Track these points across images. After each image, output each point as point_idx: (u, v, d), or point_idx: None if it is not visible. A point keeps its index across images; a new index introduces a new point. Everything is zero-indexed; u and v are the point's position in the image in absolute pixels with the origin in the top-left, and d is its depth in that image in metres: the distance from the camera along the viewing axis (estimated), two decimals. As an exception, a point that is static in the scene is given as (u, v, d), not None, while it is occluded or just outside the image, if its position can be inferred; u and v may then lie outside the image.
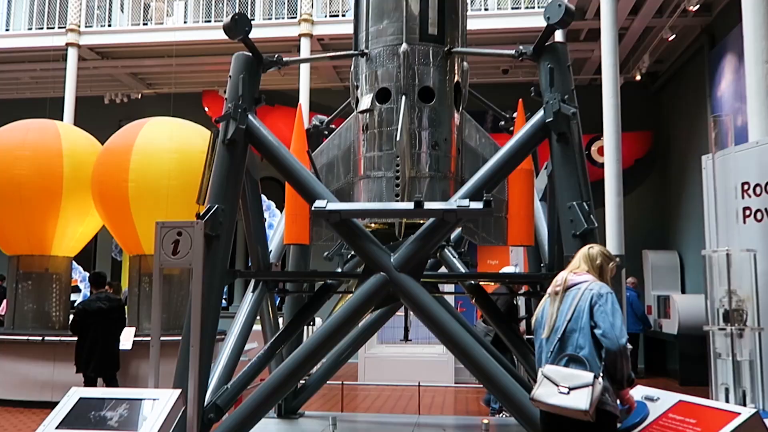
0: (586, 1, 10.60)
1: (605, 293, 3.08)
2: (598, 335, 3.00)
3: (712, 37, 11.06)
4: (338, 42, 11.91)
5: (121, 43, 12.80)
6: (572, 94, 4.09)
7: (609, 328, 2.98)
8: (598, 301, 3.05)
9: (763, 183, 3.30)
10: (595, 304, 3.05)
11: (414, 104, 4.39)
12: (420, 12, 4.54)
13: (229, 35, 4.26)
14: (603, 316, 3.01)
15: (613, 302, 3.06)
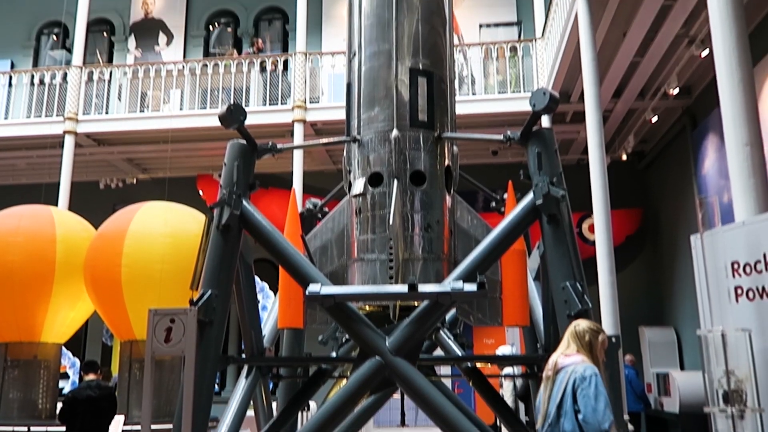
0: (571, 85, 10.99)
1: (589, 375, 3.05)
2: (580, 420, 2.95)
3: (694, 118, 11.42)
4: (331, 126, 12.21)
5: (118, 131, 13.06)
6: (560, 177, 4.18)
7: (590, 413, 2.93)
8: (581, 385, 3.02)
9: (753, 262, 3.35)
10: (578, 387, 3.02)
11: (406, 188, 4.48)
12: (410, 99, 4.70)
13: (224, 125, 4.38)
14: (585, 401, 2.97)
15: (596, 384, 3.02)
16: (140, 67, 13.45)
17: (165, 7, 16.07)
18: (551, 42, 11.15)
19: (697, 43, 9.10)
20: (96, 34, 15.92)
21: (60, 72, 13.47)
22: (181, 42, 15.85)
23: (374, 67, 4.87)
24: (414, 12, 5.02)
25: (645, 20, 8.63)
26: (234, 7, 16.06)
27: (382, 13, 4.98)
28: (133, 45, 15.97)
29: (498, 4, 14.83)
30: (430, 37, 5.00)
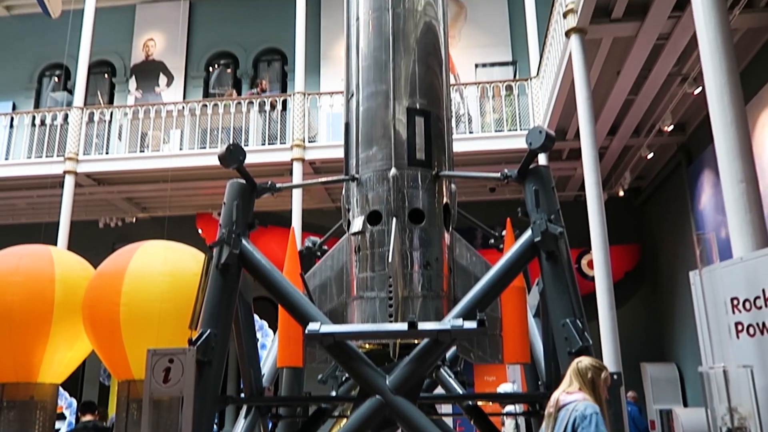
0: (566, 123, 11.12)
1: (589, 414, 3.03)
2: None
3: (689, 154, 11.53)
4: (329, 165, 12.31)
5: (118, 170, 13.15)
6: (558, 214, 4.22)
7: None
8: (581, 423, 3.00)
9: (752, 298, 3.35)
10: (578, 426, 3.00)
11: (404, 226, 4.50)
12: (407, 138, 4.76)
13: (224, 164, 4.43)
14: None
15: (597, 423, 3.00)
16: (140, 108, 13.61)
17: (166, 49, 16.33)
18: (546, 81, 11.32)
19: (689, 81, 9.24)
20: (97, 76, 16.15)
21: (61, 113, 13.62)
22: (181, 83, 16.08)
23: (372, 107, 4.94)
24: (410, 53, 5.12)
25: (638, 59, 8.79)
26: (233, 48, 16.34)
27: (379, 55, 5.08)
28: (133, 86, 16.19)
29: (493, 44, 15.10)
30: (426, 78, 5.09)
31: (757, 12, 8.07)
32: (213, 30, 16.36)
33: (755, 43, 8.76)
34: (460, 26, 15.39)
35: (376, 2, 5.28)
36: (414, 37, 5.19)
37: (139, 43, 16.49)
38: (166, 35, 16.40)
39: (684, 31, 8.09)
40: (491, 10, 15.35)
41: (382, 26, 5.17)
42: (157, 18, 16.55)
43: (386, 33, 5.10)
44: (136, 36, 16.56)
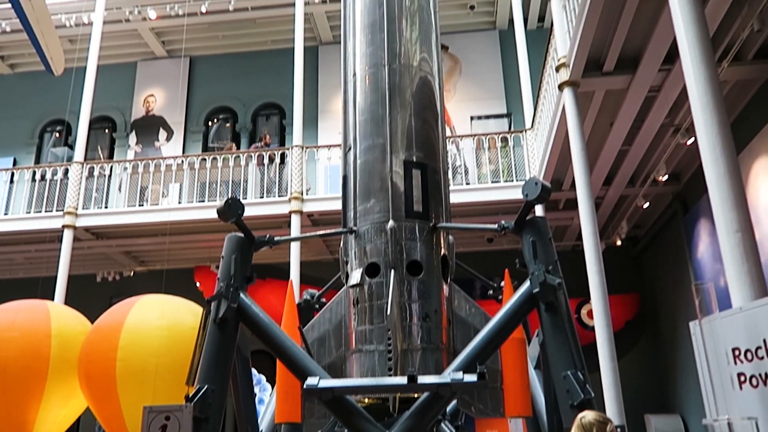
0: (562, 173, 11.23)
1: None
2: None
3: (684, 203, 11.61)
4: (327, 217, 12.36)
5: (117, 224, 13.17)
6: (556, 265, 4.22)
7: None
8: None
9: (753, 348, 3.33)
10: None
11: (403, 278, 4.50)
12: (405, 191, 4.80)
13: (222, 219, 4.45)
14: None
15: None
16: (140, 162, 13.74)
17: (166, 104, 16.60)
18: (541, 132, 11.49)
19: (682, 131, 9.38)
20: (98, 131, 16.37)
21: (61, 168, 13.73)
22: (181, 137, 16.28)
23: (369, 160, 5.00)
24: (406, 107, 5.22)
25: (630, 111, 8.94)
26: (232, 103, 16.61)
27: (376, 109, 5.17)
28: (133, 141, 16.39)
29: (488, 97, 15.38)
30: (422, 131, 5.17)
31: (745, 65, 8.26)
32: (212, 85, 16.67)
33: (745, 94, 8.93)
34: (456, 80, 15.71)
35: (372, 59, 5.41)
36: (410, 92, 5.29)
37: (139, 98, 16.78)
38: (166, 91, 16.69)
39: (674, 83, 8.26)
40: (485, 64, 15.70)
41: (378, 82, 5.27)
42: (158, 74, 16.89)
43: (383, 88, 5.21)
44: (137, 92, 16.85)
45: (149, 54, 17.00)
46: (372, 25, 5.55)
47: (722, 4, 6.99)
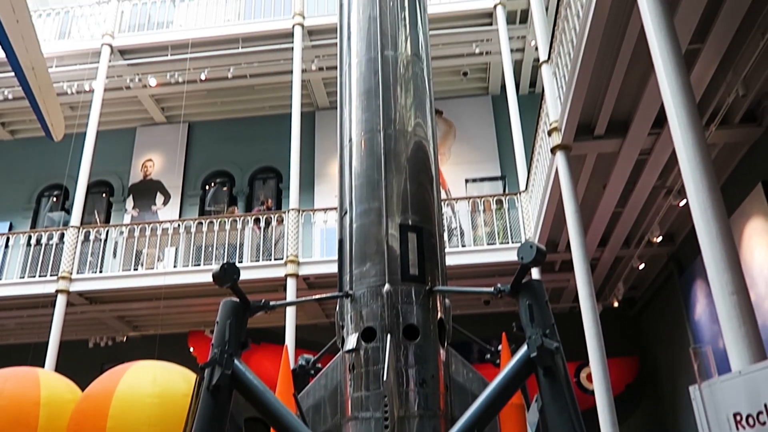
0: (557, 235, 11.28)
1: None
2: None
3: (680, 264, 11.63)
4: (323, 280, 12.32)
5: (111, 288, 13.08)
6: (553, 328, 4.18)
7: None
8: None
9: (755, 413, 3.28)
10: None
11: (399, 342, 4.45)
12: (401, 254, 4.80)
13: (218, 284, 4.42)
14: None
15: None
16: (136, 227, 13.76)
17: (164, 168, 16.77)
18: (535, 195, 11.60)
19: (674, 193, 9.50)
20: (95, 195, 16.46)
21: (57, 233, 13.74)
22: (178, 201, 16.37)
23: (365, 224, 5.02)
24: (402, 171, 5.27)
25: (622, 174, 9.07)
26: (230, 167, 16.79)
27: (372, 173, 5.23)
28: (130, 205, 16.46)
29: (482, 160, 15.60)
30: (418, 194, 5.21)
31: (733, 128, 8.44)
32: (210, 150, 16.89)
33: (734, 156, 9.09)
34: (450, 144, 15.97)
35: (368, 124, 5.50)
36: (405, 156, 5.36)
37: (138, 163, 16.95)
38: (164, 155, 16.89)
39: (664, 146, 8.41)
40: (479, 128, 16.00)
41: (374, 147, 5.35)
42: (157, 139, 17.13)
43: (378, 153, 5.27)
44: (135, 157, 17.05)
45: (148, 120, 17.29)
46: (368, 92, 5.67)
47: (707, 70, 7.21)
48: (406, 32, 6.05)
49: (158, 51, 15.28)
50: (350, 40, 6.03)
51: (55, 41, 15.43)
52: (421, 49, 6.13)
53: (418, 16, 6.24)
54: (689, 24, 6.28)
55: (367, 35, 5.91)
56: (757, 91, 7.77)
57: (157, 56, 15.28)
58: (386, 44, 5.83)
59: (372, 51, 5.83)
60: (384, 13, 5.95)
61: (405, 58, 5.86)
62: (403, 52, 5.87)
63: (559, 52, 8.33)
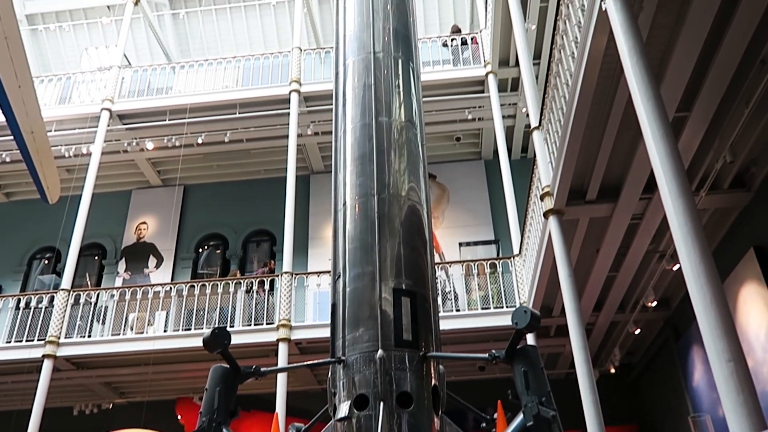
0: (551, 299, 11.22)
1: None
2: None
3: (676, 329, 11.55)
4: (315, 345, 12.15)
5: (99, 353, 12.84)
6: (549, 396, 4.10)
7: None
8: None
9: (757, 484, 3.21)
10: None
11: (392, 410, 4.34)
12: (394, 319, 4.75)
13: (208, 349, 4.34)
14: None
15: None
16: (128, 290, 13.63)
17: (157, 231, 16.76)
18: (529, 259, 11.60)
19: (667, 257, 9.52)
20: (87, 258, 16.37)
21: (47, 296, 13.58)
22: (171, 264, 16.29)
23: (359, 288, 4.98)
24: (396, 236, 5.28)
25: (615, 238, 9.11)
26: (224, 230, 16.80)
27: (366, 237, 5.23)
28: (122, 268, 16.35)
29: (476, 224, 15.67)
30: (411, 258, 5.19)
31: (722, 193, 8.54)
32: (205, 213, 16.94)
33: (725, 221, 9.16)
34: (444, 207, 16.07)
35: (362, 188, 5.55)
36: (399, 221, 5.38)
37: (132, 226, 16.95)
38: (159, 218, 16.91)
39: (656, 211, 8.49)
40: (472, 192, 16.15)
41: (368, 211, 5.37)
42: (152, 202, 17.19)
43: (372, 217, 5.29)
44: (129, 219, 17.06)
45: (144, 183, 17.39)
46: (362, 156, 5.74)
47: (695, 137, 7.36)
48: (400, 99, 6.19)
49: (157, 116, 15.53)
50: (345, 107, 6.15)
51: (56, 106, 15.67)
52: (414, 116, 6.25)
53: (411, 84, 6.39)
54: (675, 92, 6.44)
55: (362, 102, 6.03)
56: (744, 157, 7.91)
57: (156, 121, 15.52)
58: (380, 111, 5.95)
59: (366, 117, 5.94)
60: (378, 80, 6.09)
61: (399, 124, 5.97)
62: (397, 118, 5.99)
63: (549, 119, 8.51)
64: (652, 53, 5.89)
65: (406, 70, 6.32)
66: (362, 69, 6.18)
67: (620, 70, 5.19)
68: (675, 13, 5.80)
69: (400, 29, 6.55)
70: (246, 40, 19.77)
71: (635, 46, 4.78)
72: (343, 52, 6.51)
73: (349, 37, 6.54)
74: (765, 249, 8.32)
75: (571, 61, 6.83)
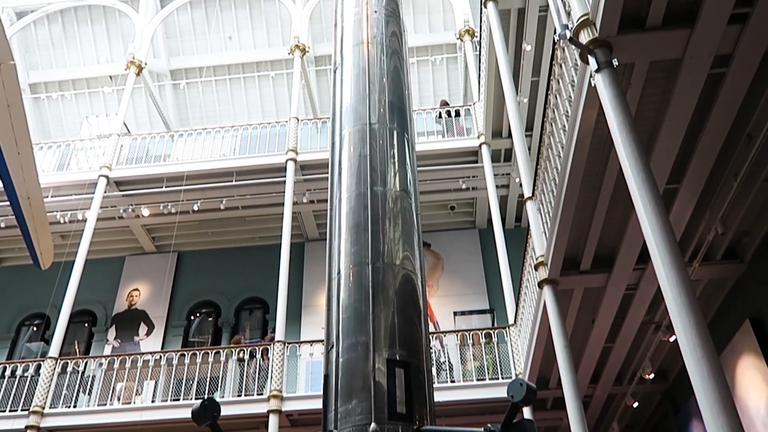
0: (548, 371, 11.06)
1: None
2: None
3: (674, 402, 11.34)
4: (307, 417, 11.86)
5: (84, 425, 12.45)
6: (547, 472, 4.00)
7: None
8: None
9: None
10: None
11: (387, 486, 4.21)
12: (388, 391, 4.67)
13: (196, 421, 4.23)
14: None
15: None
16: (116, 358, 13.37)
17: (149, 298, 16.59)
18: (524, 329, 11.50)
19: (663, 329, 9.45)
20: (77, 325, 16.11)
21: (33, 364, 13.29)
22: (162, 331, 16.05)
23: (352, 358, 4.91)
24: (390, 305, 5.25)
25: (610, 308, 9.07)
26: (216, 298, 16.65)
27: (360, 307, 5.19)
28: (112, 335, 16.09)
29: (470, 293, 15.59)
30: (406, 328, 5.15)
31: (716, 264, 8.58)
32: (198, 280, 16.82)
33: (720, 292, 9.16)
34: (438, 276, 16.03)
35: (356, 257, 5.55)
36: (393, 290, 5.36)
37: (124, 292, 16.79)
38: (151, 284, 16.77)
39: (650, 281, 8.48)
40: (467, 261, 16.14)
41: (362, 279, 5.36)
42: (145, 268, 17.09)
43: (366, 286, 5.28)
44: (121, 286, 16.90)
45: (138, 249, 17.35)
46: (357, 225, 5.78)
47: (686, 209, 7.45)
48: (395, 169, 6.28)
49: (153, 182, 15.65)
50: (341, 176, 6.23)
51: (54, 172, 15.79)
52: (409, 185, 6.33)
53: (406, 154, 6.50)
54: (665, 165, 6.57)
55: (357, 171, 6.12)
56: (736, 228, 7.99)
57: (152, 187, 15.63)
58: (376, 180, 6.03)
59: (362, 186, 6.01)
60: (374, 150, 6.20)
61: (394, 193, 6.04)
62: (392, 188, 6.06)
63: (542, 189, 8.62)
64: (641, 127, 6.05)
65: (401, 140, 6.45)
66: (358, 139, 6.31)
67: (611, 143, 5.31)
68: (662, 88, 5.99)
69: (396, 101, 6.73)
70: (244, 110, 20.17)
71: (624, 121, 4.90)
72: (339, 122, 6.66)
73: (346, 108, 6.71)
74: (761, 321, 8.29)
75: (563, 134, 6.98)
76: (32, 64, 20.05)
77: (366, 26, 7.45)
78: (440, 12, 19.19)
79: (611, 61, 5.20)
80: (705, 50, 5.39)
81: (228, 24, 19.63)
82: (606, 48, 5.28)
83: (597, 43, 5.29)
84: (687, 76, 5.59)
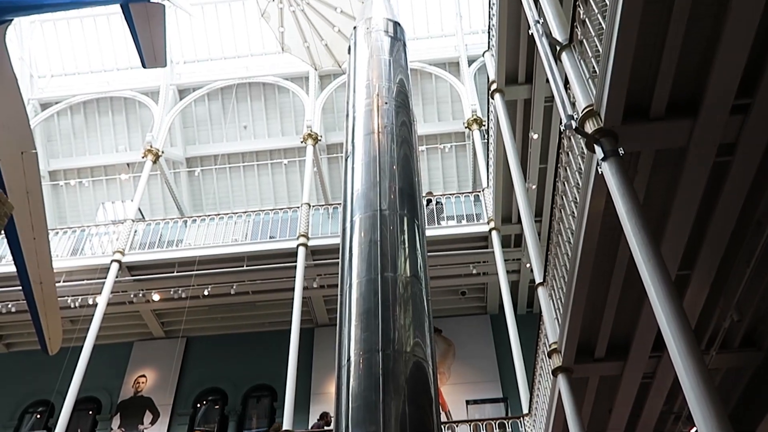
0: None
1: None
2: None
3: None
4: None
5: None
6: None
7: None
8: None
9: None
10: None
11: None
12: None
13: None
14: None
15: None
16: (119, 448, 13.01)
17: (156, 385, 16.31)
18: (539, 418, 11.14)
19: (683, 419, 9.14)
20: (81, 413, 15.76)
21: (35, 454, 12.95)
22: (167, 419, 15.68)
23: (362, 449, 4.80)
24: (400, 393, 5.17)
25: (627, 397, 8.82)
26: (224, 385, 16.34)
27: (370, 395, 5.12)
28: (116, 424, 15.73)
29: (483, 380, 15.23)
30: (417, 417, 5.05)
31: (733, 352, 8.38)
32: (206, 366, 16.57)
33: (740, 381, 8.90)
34: (450, 362, 15.72)
35: (366, 344, 5.51)
36: (404, 377, 5.29)
37: (130, 379, 16.52)
38: (158, 371, 16.52)
39: (666, 370, 8.28)
40: (479, 347, 15.86)
41: (372, 367, 5.30)
42: (153, 354, 16.88)
43: (376, 374, 5.22)
44: (128, 372, 16.66)
45: (147, 334, 17.21)
46: (367, 311, 5.77)
47: (699, 295, 7.37)
48: (405, 254, 6.33)
49: (165, 267, 15.72)
50: (352, 261, 6.27)
51: (68, 257, 15.93)
52: (419, 270, 6.34)
53: (417, 240, 6.56)
54: (676, 251, 6.56)
55: (368, 257, 6.17)
56: (752, 316, 7.86)
57: (164, 272, 15.68)
58: (386, 266, 6.05)
59: (372, 272, 6.03)
60: (384, 237, 6.27)
61: (404, 279, 6.05)
62: (403, 274, 6.08)
63: (553, 275, 8.57)
64: (650, 213, 6.08)
65: (412, 226, 6.53)
66: (369, 226, 6.39)
67: (620, 229, 5.33)
68: (669, 176, 6.06)
69: (406, 188, 6.87)
70: (257, 196, 20.51)
71: (633, 208, 4.94)
72: (350, 208, 6.77)
73: (357, 194, 6.84)
74: (784, 411, 8.02)
75: (572, 220, 7.03)
76: (53, 153, 20.65)
77: (377, 116, 7.71)
78: (449, 102, 19.80)
79: (617, 150, 5.29)
80: (709, 139, 5.50)
81: (243, 114, 20.30)
82: (611, 137, 5.39)
83: (602, 133, 5.41)
84: (693, 164, 5.68)
